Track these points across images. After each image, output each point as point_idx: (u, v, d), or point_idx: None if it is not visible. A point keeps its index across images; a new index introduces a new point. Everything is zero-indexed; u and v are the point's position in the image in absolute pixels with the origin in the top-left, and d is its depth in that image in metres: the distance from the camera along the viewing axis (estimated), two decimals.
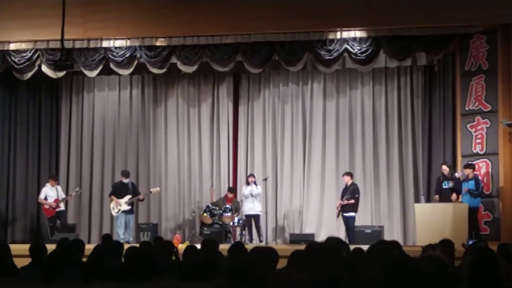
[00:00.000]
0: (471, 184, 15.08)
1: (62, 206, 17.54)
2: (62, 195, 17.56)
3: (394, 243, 7.71)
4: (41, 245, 8.19)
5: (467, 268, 4.87)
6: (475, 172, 15.34)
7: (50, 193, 17.37)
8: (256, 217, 17.14)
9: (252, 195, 17.02)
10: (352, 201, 16.20)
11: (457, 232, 13.87)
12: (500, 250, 7.87)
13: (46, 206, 17.29)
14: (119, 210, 17.29)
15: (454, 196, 15.29)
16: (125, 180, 17.58)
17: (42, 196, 17.41)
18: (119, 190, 17.47)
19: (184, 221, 18.92)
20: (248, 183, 17.26)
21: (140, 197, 17.57)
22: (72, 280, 6.88)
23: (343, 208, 16.28)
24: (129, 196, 17.31)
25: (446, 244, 7.62)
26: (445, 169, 15.69)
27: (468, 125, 15.91)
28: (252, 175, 17.56)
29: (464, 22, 15.44)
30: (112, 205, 17.49)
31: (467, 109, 15.96)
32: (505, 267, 4.98)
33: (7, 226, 18.65)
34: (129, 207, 17.31)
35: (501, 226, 15.17)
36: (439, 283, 4.98)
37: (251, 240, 16.96)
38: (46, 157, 19.25)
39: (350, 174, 16.82)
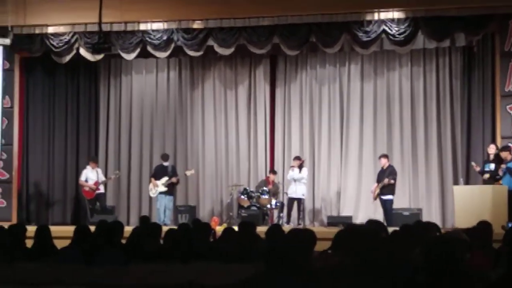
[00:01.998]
0: (510, 165, 14.90)
1: (101, 189, 17.71)
2: (102, 177, 17.71)
3: (432, 225, 7.67)
4: (85, 227, 8.27)
5: (506, 250, 4.83)
6: None
7: (91, 175, 17.53)
8: (299, 200, 17.12)
9: (294, 180, 17.01)
10: (392, 181, 16.12)
11: (497, 214, 13.73)
12: None
13: (87, 188, 17.44)
14: (156, 191, 17.42)
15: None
16: (165, 163, 17.69)
17: (83, 178, 17.57)
18: (158, 173, 17.60)
19: (222, 203, 18.98)
20: (292, 168, 17.26)
21: (174, 180, 17.58)
22: (112, 261, 6.95)
23: (381, 191, 16.21)
24: (166, 178, 17.41)
25: (484, 226, 7.54)
26: (492, 147, 15.46)
27: (507, 107, 15.72)
28: (297, 158, 17.44)
29: (503, 2, 15.23)
30: (150, 186, 17.65)
31: (506, 90, 15.76)
32: None
33: (47, 208, 18.86)
34: (166, 189, 17.41)
35: None
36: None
37: (288, 222, 16.96)
38: (84, 140, 19.42)
39: (386, 156, 16.72)
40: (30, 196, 18.62)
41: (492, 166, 15.25)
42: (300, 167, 17.13)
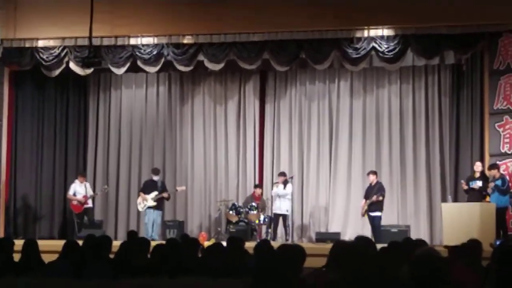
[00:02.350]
0: (498, 183, 14.96)
1: (90, 203, 17.67)
2: (90, 191, 17.68)
3: (420, 242, 7.68)
4: (73, 241, 8.24)
5: (494, 268, 4.83)
6: (502, 171, 15.25)
7: (79, 189, 17.50)
8: (284, 216, 17.14)
9: (279, 196, 17.03)
10: (381, 198, 16.14)
11: (485, 232, 13.74)
12: None
13: (75, 202, 17.40)
14: (145, 205, 17.37)
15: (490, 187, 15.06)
16: (155, 178, 17.66)
17: (71, 192, 17.53)
18: (148, 187, 17.56)
19: (210, 218, 18.95)
20: (276, 183, 17.26)
21: (165, 195, 17.57)
22: (100, 276, 6.92)
23: (369, 207, 16.23)
24: (156, 192, 17.38)
25: (473, 244, 7.55)
26: (478, 165, 15.51)
27: (496, 125, 15.78)
28: (281, 174, 17.49)
29: (493, 21, 15.32)
30: (139, 200, 17.61)
31: (495, 108, 15.82)
32: None
33: (35, 222, 18.77)
34: (155, 203, 17.38)
35: None
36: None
37: (274, 238, 16.93)
38: (73, 154, 19.36)
39: (375, 173, 16.77)
40: (17, 210, 18.53)
41: (478, 183, 15.29)
42: (285, 183, 17.15)
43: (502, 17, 15.17)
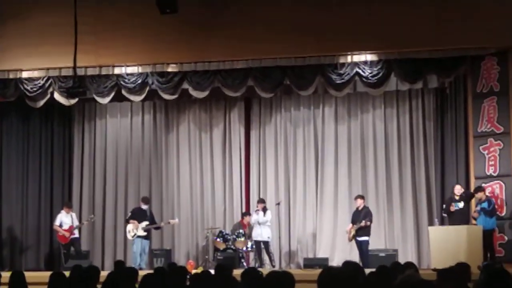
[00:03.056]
0: (484, 206, 15.01)
1: (76, 233, 17.56)
2: (76, 222, 17.59)
3: (409, 264, 7.69)
4: (60, 273, 8.19)
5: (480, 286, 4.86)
6: (487, 194, 15.32)
7: (65, 220, 17.40)
8: (265, 243, 17.12)
9: (259, 223, 17.02)
10: (369, 223, 16.16)
11: (472, 254, 13.77)
12: None
13: (61, 233, 17.30)
14: (135, 234, 17.28)
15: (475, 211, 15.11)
16: (144, 206, 17.59)
17: (57, 222, 17.43)
18: (137, 216, 17.45)
19: (198, 246, 18.90)
20: (256, 211, 17.24)
21: (162, 224, 17.67)
22: None
23: (357, 232, 16.23)
24: (146, 222, 17.32)
25: (462, 267, 7.57)
26: (459, 188, 15.59)
27: (481, 147, 15.86)
28: (260, 201, 17.54)
29: (475, 44, 15.43)
30: (129, 228, 17.44)
31: (479, 131, 15.91)
32: None
33: (21, 254, 18.65)
34: (145, 233, 17.31)
35: None
36: None
37: (261, 265, 16.87)
38: (59, 184, 19.30)
39: (362, 197, 16.80)
40: (3, 241, 18.44)
41: (460, 204, 15.33)
42: (264, 210, 17.16)
43: (484, 40, 15.29)
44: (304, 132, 18.83)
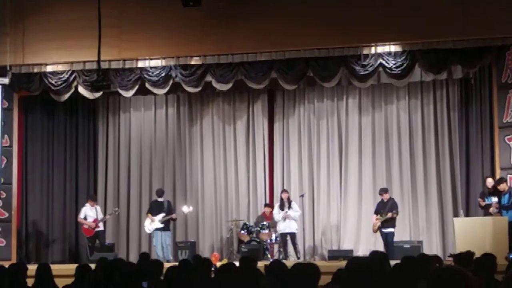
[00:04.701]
0: (506, 199, 14.92)
1: (101, 226, 17.64)
2: (101, 215, 17.68)
3: (436, 258, 7.65)
4: (86, 265, 8.24)
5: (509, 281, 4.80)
6: (510, 185, 15.22)
7: (90, 213, 17.49)
8: (292, 235, 17.10)
9: (289, 219, 16.96)
10: (396, 215, 16.13)
11: (498, 246, 13.68)
12: None
13: (86, 226, 17.39)
14: (152, 228, 17.37)
15: (495, 205, 14.98)
16: (160, 199, 17.66)
17: (82, 215, 17.53)
18: (154, 208, 17.57)
19: (222, 238, 18.93)
20: (281, 207, 17.16)
21: (173, 216, 17.60)
22: None
23: (382, 224, 16.20)
24: (162, 214, 17.38)
25: (488, 258, 7.53)
26: (490, 182, 15.45)
27: (506, 138, 15.75)
28: (284, 191, 17.49)
29: (499, 34, 15.32)
30: (146, 222, 17.60)
31: (504, 121, 15.79)
32: None
33: (47, 247, 18.78)
34: (162, 225, 17.37)
35: None
36: None
37: (285, 257, 16.86)
38: (84, 177, 19.40)
39: (387, 191, 16.75)
40: (29, 234, 18.56)
41: (493, 199, 15.21)
42: (289, 202, 17.09)
43: (509, 30, 15.16)
44: (328, 124, 18.78)
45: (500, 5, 15.05)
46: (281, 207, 17.13)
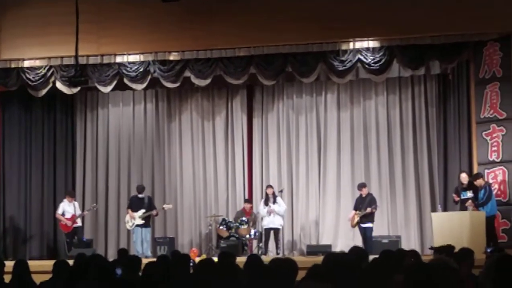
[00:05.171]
0: (482, 194, 14.99)
1: (79, 222, 17.59)
2: (79, 211, 17.61)
3: (413, 252, 7.69)
4: (64, 261, 8.20)
5: (489, 276, 4.84)
6: (490, 180, 15.33)
7: (68, 209, 17.42)
8: (276, 231, 17.11)
9: (274, 214, 16.95)
10: (374, 210, 16.19)
11: (475, 240, 13.75)
12: None
13: (63, 222, 17.33)
14: (133, 224, 17.34)
15: (470, 203, 15.09)
16: (140, 195, 17.62)
17: (59, 211, 17.46)
18: (134, 204, 17.53)
19: (201, 234, 18.92)
20: (266, 202, 17.17)
21: (154, 212, 17.55)
22: None
23: (361, 219, 16.26)
24: (143, 210, 17.35)
25: (465, 253, 7.58)
26: (464, 177, 15.56)
27: (483, 133, 15.84)
28: (269, 186, 17.46)
29: (477, 30, 15.40)
30: (126, 218, 17.58)
31: (482, 117, 15.88)
32: None
33: (25, 243, 18.69)
34: (143, 221, 17.35)
35: None
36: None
37: (266, 252, 16.89)
38: (61, 173, 19.32)
39: (365, 185, 16.81)
40: (7, 230, 18.45)
41: (468, 193, 15.30)
42: (274, 197, 17.09)
43: (486, 26, 15.26)
44: (307, 119, 18.81)
45: (477, 1, 15.11)
46: (266, 202, 17.11)
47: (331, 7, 15.63)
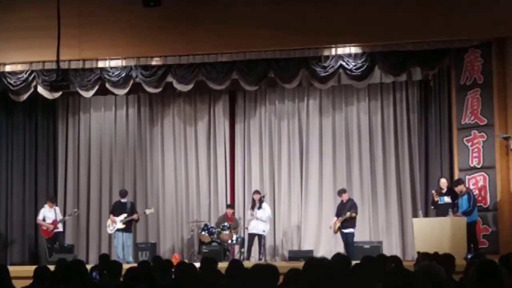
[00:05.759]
0: (464, 200, 15.05)
1: (60, 227, 17.53)
2: (60, 216, 17.55)
3: (394, 258, 7.72)
4: (44, 267, 8.16)
5: (470, 281, 4.87)
6: (471, 186, 15.41)
7: (48, 214, 17.36)
8: (260, 236, 17.10)
9: (257, 219, 16.98)
10: (354, 214, 16.22)
11: (456, 246, 13.82)
12: (502, 261, 7.86)
13: (44, 227, 17.27)
14: (114, 228, 17.29)
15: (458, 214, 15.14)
16: (123, 200, 17.58)
17: (40, 217, 17.39)
18: (117, 209, 17.49)
19: (183, 239, 18.88)
20: (253, 206, 17.16)
21: (135, 217, 17.47)
22: None
23: (342, 224, 16.29)
24: (125, 215, 17.31)
25: (447, 258, 7.62)
26: (444, 182, 15.64)
27: (464, 139, 15.93)
28: (256, 191, 17.41)
29: (458, 37, 15.49)
30: (108, 222, 17.53)
31: (463, 123, 15.97)
32: (507, 278, 4.96)
33: (6, 248, 18.59)
34: (124, 226, 17.29)
35: (500, 240, 15.15)
36: None
37: (248, 258, 16.89)
38: (43, 178, 19.23)
39: (345, 191, 16.83)
40: None
41: (445, 198, 15.39)
42: (261, 202, 17.10)
43: (467, 33, 15.35)
44: (289, 125, 18.83)
45: (458, 8, 15.19)
46: (252, 208, 17.14)
47: (313, 13, 15.65)
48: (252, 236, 17.11)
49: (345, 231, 16.29)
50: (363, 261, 7.05)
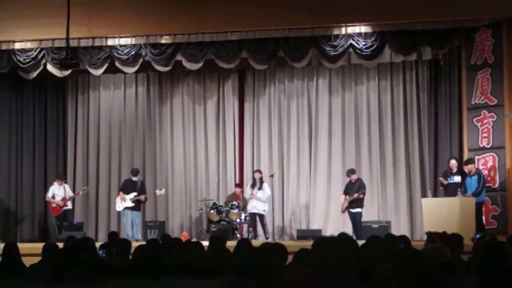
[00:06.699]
0: (474, 180, 15.00)
1: (69, 205, 17.60)
2: (69, 193, 17.61)
3: (403, 238, 7.71)
4: (53, 244, 8.19)
5: (477, 260, 4.86)
6: (477, 167, 15.36)
7: (58, 192, 17.42)
8: (260, 216, 17.15)
9: (257, 199, 17.01)
10: (362, 195, 16.21)
11: (465, 226, 13.81)
12: (510, 241, 7.86)
13: (54, 205, 17.33)
14: (123, 205, 17.33)
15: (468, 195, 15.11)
16: (134, 178, 17.60)
17: (49, 194, 17.45)
18: (127, 187, 17.50)
19: (191, 218, 18.93)
20: (253, 184, 17.21)
21: (142, 198, 17.43)
22: (81, 278, 6.88)
23: (350, 204, 16.29)
24: (134, 193, 17.33)
25: (455, 238, 7.62)
26: (454, 163, 15.59)
27: (474, 119, 15.88)
28: (258, 171, 17.51)
29: (469, 16, 15.41)
30: (117, 199, 17.55)
31: (473, 103, 15.91)
32: None
33: (16, 225, 18.68)
34: (133, 204, 17.32)
35: (508, 220, 15.15)
36: (444, 273, 4.97)
37: (255, 237, 16.92)
38: (52, 156, 19.26)
39: (354, 171, 16.79)
40: None
41: (455, 178, 15.35)
42: (261, 182, 17.11)
43: (478, 12, 15.26)
44: (298, 104, 18.80)
45: None
46: (252, 186, 17.17)
47: None
48: (253, 215, 17.13)
49: (353, 211, 16.29)
50: (369, 241, 7.05)
